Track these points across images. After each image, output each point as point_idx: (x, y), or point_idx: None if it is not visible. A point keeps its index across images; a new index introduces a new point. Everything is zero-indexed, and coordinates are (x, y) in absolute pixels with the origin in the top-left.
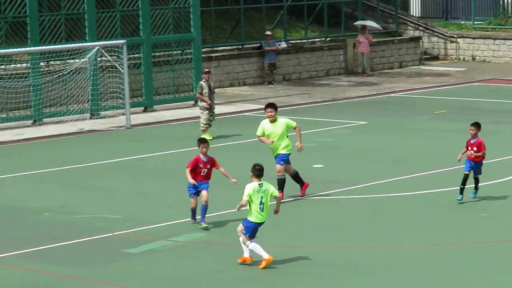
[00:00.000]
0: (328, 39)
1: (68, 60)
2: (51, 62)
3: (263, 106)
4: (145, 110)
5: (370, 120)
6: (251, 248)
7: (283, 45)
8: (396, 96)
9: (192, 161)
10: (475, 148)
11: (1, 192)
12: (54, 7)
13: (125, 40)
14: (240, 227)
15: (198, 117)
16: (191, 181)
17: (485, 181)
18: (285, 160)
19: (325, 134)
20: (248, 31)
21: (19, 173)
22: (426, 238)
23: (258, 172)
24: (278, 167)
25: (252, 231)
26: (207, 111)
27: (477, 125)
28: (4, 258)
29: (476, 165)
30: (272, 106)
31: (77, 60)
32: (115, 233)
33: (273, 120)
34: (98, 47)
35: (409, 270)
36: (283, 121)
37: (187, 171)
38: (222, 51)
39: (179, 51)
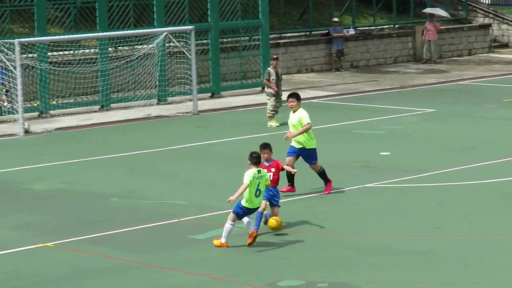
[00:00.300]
0: (396, 26)
1: (136, 46)
2: (119, 48)
3: (330, 93)
4: (212, 96)
5: (438, 107)
6: (225, 227)
7: (351, 31)
8: (464, 83)
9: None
10: None
11: (68, 177)
12: None
13: (193, 26)
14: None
15: (265, 104)
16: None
17: None
18: (291, 152)
19: (393, 122)
20: (316, 18)
21: (86, 158)
22: (494, 227)
23: (255, 159)
24: (287, 159)
25: (242, 215)
26: (273, 98)
27: None
28: (71, 242)
29: None
30: (293, 96)
31: (145, 46)
32: (181, 219)
33: (295, 111)
34: (166, 33)
35: (479, 260)
36: (299, 114)
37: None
38: (289, 37)
39: (247, 37)
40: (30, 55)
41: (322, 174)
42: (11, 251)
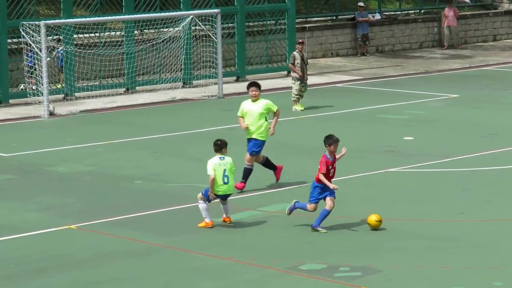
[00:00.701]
0: (422, 11)
1: (162, 29)
2: (145, 31)
3: (355, 78)
4: (237, 80)
5: (462, 93)
6: (200, 207)
7: (377, 16)
8: (489, 69)
9: (323, 163)
10: None
11: (93, 159)
12: None
13: (219, 9)
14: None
15: (290, 88)
16: (332, 186)
17: None
18: (257, 150)
19: (417, 107)
20: (342, 2)
21: (110, 140)
22: None
23: (217, 147)
24: (248, 156)
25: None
26: (298, 82)
27: None
28: (95, 224)
29: None
30: (255, 85)
31: (171, 29)
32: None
33: (255, 100)
34: (192, 16)
35: (501, 245)
36: (264, 102)
37: (322, 177)
38: (315, 21)
39: (273, 21)
40: (56, 36)
41: (267, 163)
42: (36, 232)
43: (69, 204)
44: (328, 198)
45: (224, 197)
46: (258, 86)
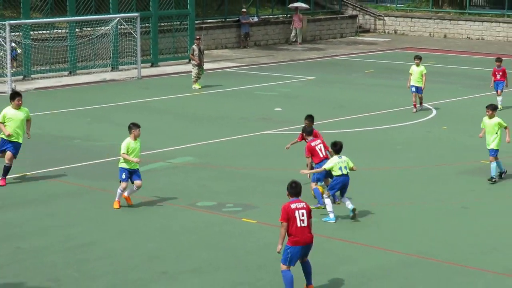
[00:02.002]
0: (288, 15)
1: (96, 27)
2: (84, 29)
3: (239, 65)
4: (152, 66)
5: (317, 76)
6: (118, 190)
7: (255, 19)
8: (338, 58)
9: (310, 148)
10: None
11: (43, 124)
12: None
13: (139, 13)
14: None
15: (191, 71)
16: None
17: None
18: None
19: (284, 86)
20: (229, 8)
21: (57, 110)
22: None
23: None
24: (10, 155)
25: (125, 177)
26: (197, 67)
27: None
28: (44, 173)
29: None
30: (19, 95)
31: (103, 28)
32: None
33: (18, 108)
34: (118, 18)
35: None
36: (26, 109)
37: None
38: (210, 22)
39: (178, 22)
40: (17, 33)
41: (8, 169)
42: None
43: (24, 158)
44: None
45: (129, 172)
46: (20, 95)
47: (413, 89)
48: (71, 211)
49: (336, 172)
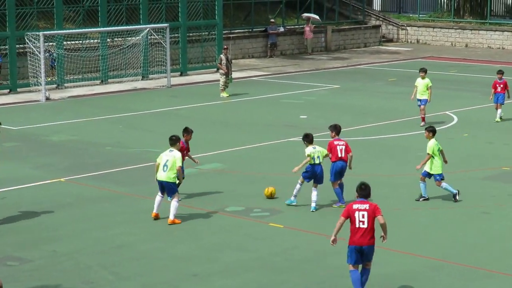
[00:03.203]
0: (313, 25)
1: (127, 38)
2: (115, 39)
3: (265, 73)
4: (181, 75)
5: (342, 84)
6: (155, 203)
7: (282, 29)
8: (361, 67)
9: (331, 145)
10: None
11: (76, 131)
12: None
13: (168, 24)
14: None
15: (218, 80)
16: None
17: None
18: None
19: (309, 94)
20: (256, 19)
21: (89, 118)
22: (380, 169)
23: (172, 141)
24: None
25: (159, 187)
26: (224, 76)
27: None
28: (78, 178)
29: None
30: None
31: (133, 38)
32: (155, 163)
33: None
34: (148, 29)
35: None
36: None
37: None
38: (237, 33)
39: (207, 32)
40: (51, 43)
41: None
42: (34, 184)
43: (59, 163)
44: None
45: (159, 184)
46: None
47: (418, 102)
48: (105, 215)
49: (312, 161)
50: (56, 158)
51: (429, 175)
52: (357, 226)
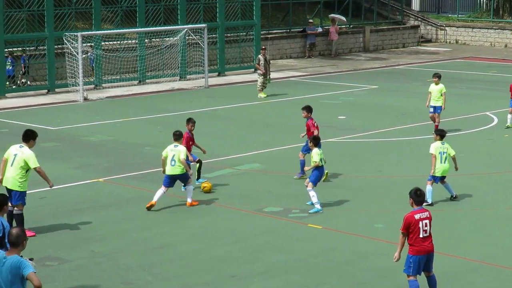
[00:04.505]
0: (351, 26)
1: (164, 38)
2: (153, 39)
3: (303, 74)
4: (218, 75)
5: (380, 85)
6: (157, 193)
7: (320, 30)
8: (400, 68)
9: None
10: None
11: (114, 132)
12: (156, 0)
13: (206, 24)
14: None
15: (256, 81)
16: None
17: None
18: None
19: (348, 94)
20: (294, 19)
21: (127, 118)
22: (414, 170)
23: (175, 136)
24: None
25: (165, 181)
26: (262, 77)
27: None
28: (116, 178)
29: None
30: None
31: (171, 38)
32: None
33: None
34: (186, 29)
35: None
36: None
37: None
38: (275, 33)
39: (244, 33)
40: (89, 44)
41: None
42: (73, 184)
43: (98, 163)
44: None
45: (169, 178)
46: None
47: (431, 109)
48: (144, 216)
49: (320, 163)
50: (94, 159)
51: (438, 177)
52: (421, 236)
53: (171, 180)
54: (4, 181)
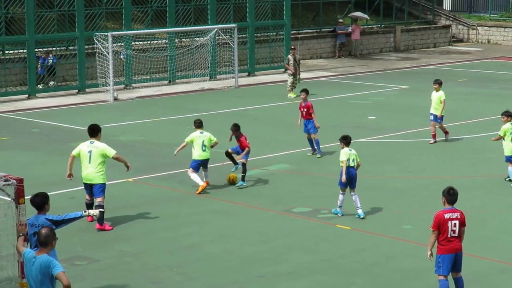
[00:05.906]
0: (382, 25)
1: (195, 38)
2: (183, 39)
3: (334, 74)
4: (248, 75)
5: (411, 85)
6: (192, 178)
7: (350, 29)
8: (431, 68)
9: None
10: None
11: (144, 132)
12: (186, 0)
13: (236, 24)
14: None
15: (286, 81)
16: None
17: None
18: None
19: (378, 95)
20: (324, 19)
21: (157, 118)
22: (448, 171)
23: (198, 124)
24: None
25: (195, 166)
26: (292, 77)
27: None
28: (146, 178)
29: None
30: None
31: (201, 38)
32: (224, 163)
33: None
34: (216, 29)
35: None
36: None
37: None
38: (305, 33)
39: (274, 33)
40: (119, 44)
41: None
42: None
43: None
44: None
45: (202, 163)
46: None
47: (431, 117)
48: (173, 216)
49: (347, 164)
50: (124, 158)
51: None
52: (449, 235)
53: (199, 165)
54: (85, 178)
